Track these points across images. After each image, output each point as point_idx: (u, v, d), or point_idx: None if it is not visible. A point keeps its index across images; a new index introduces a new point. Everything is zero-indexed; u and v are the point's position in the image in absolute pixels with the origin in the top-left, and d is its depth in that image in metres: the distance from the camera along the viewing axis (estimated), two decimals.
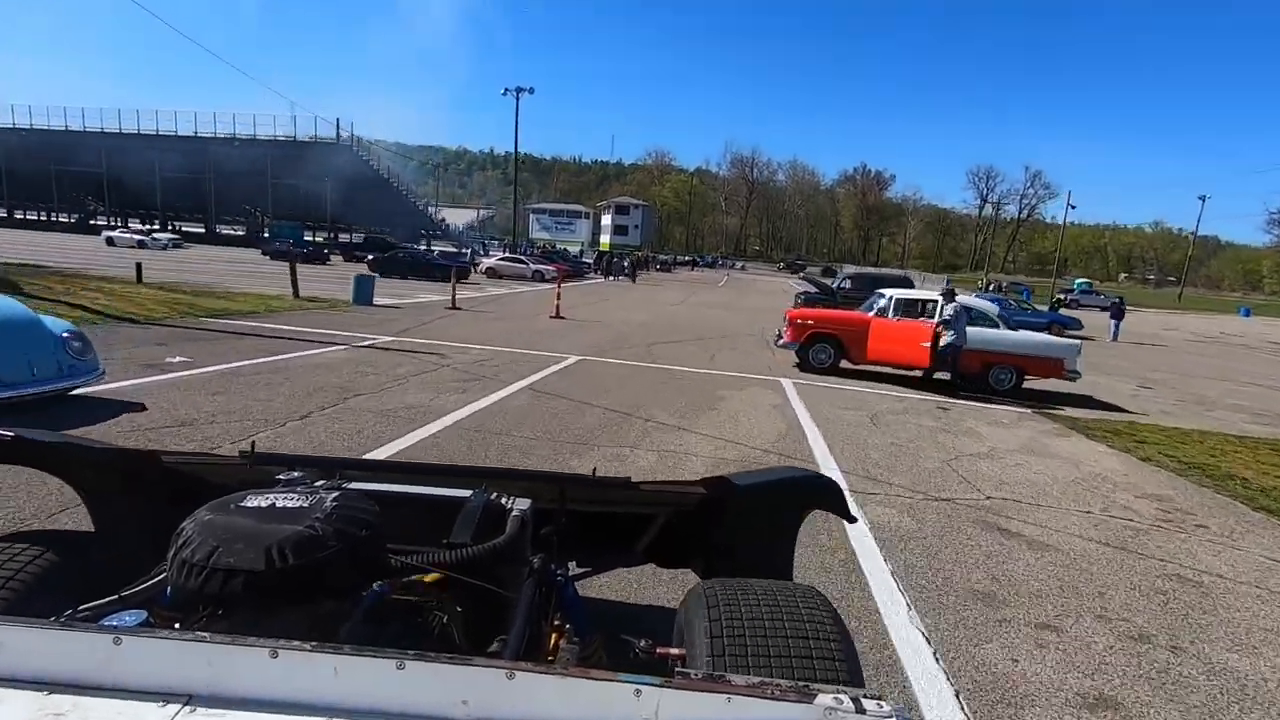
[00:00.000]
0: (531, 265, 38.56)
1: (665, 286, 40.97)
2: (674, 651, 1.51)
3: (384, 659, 0.87)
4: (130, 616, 1.17)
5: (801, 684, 0.91)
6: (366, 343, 11.16)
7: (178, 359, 8.34)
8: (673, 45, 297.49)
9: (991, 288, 53.80)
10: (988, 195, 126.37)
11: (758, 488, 2.00)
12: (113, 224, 54.68)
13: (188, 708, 0.84)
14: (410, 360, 9.76)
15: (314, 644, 0.90)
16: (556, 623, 1.65)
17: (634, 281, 43.97)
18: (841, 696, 0.87)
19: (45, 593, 1.44)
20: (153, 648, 0.89)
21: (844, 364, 11.97)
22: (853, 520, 2.15)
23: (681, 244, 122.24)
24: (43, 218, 64.65)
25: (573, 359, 11.14)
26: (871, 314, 11.98)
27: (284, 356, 9.21)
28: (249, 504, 1.31)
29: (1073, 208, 57.94)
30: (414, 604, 1.36)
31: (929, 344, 11.02)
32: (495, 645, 1.33)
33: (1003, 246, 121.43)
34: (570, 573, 1.98)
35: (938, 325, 10.95)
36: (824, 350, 11.95)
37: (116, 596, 1.31)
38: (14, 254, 25.80)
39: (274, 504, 1.31)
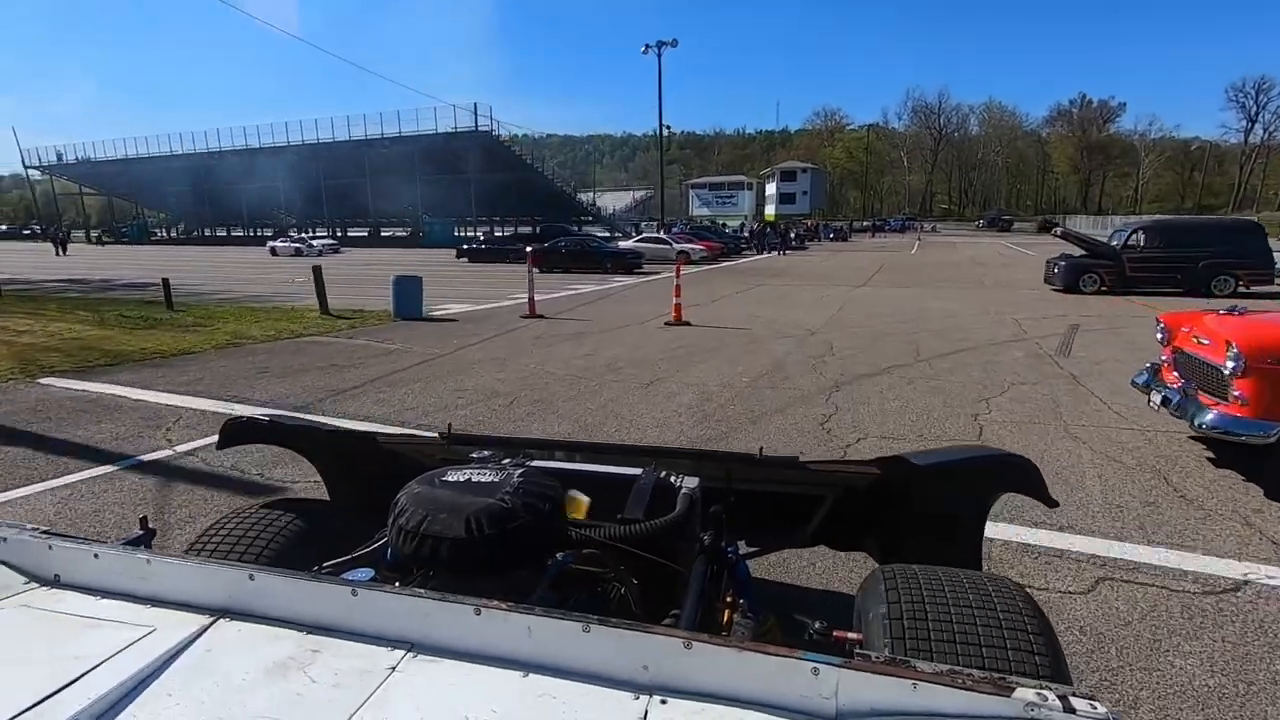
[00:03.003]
0: (676, 245, 31.95)
1: (843, 260, 32.48)
2: (852, 635, 1.41)
3: (572, 621, 0.90)
4: (362, 573, 1.31)
5: (998, 675, 0.83)
6: (180, 447, 5.30)
7: None
8: None
9: None
10: (1257, 115, 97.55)
11: (939, 468, 1.85)
12: (287, 234, 56.53)
13: (410, 654, 0.93)
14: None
15: (510, 604, 0.94)
16: (729, 599, 1.64)
17: (782, 255, 36.41)
18: (1046, 693, 0.78)
19: (297, 550, 1.67)
20: (381, 600, 0.98)
21: None
22: (1054, 504, 1.77)
23: (857, 208, 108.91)
24: (236, 233, 69.70)
25: None
26: None
27: None
28: (449, 479, 1.42)
29: None
30: (593, 575, 1.45)
31: None
32: (669, 620, 1.36)
33: (1277, 177, 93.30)
34: (740, 552, 1.99)
35: None
36: None
37: (350, 556, 1.49)
38: (120, 271, 24.29)
39: (469, 479, 1.41)
